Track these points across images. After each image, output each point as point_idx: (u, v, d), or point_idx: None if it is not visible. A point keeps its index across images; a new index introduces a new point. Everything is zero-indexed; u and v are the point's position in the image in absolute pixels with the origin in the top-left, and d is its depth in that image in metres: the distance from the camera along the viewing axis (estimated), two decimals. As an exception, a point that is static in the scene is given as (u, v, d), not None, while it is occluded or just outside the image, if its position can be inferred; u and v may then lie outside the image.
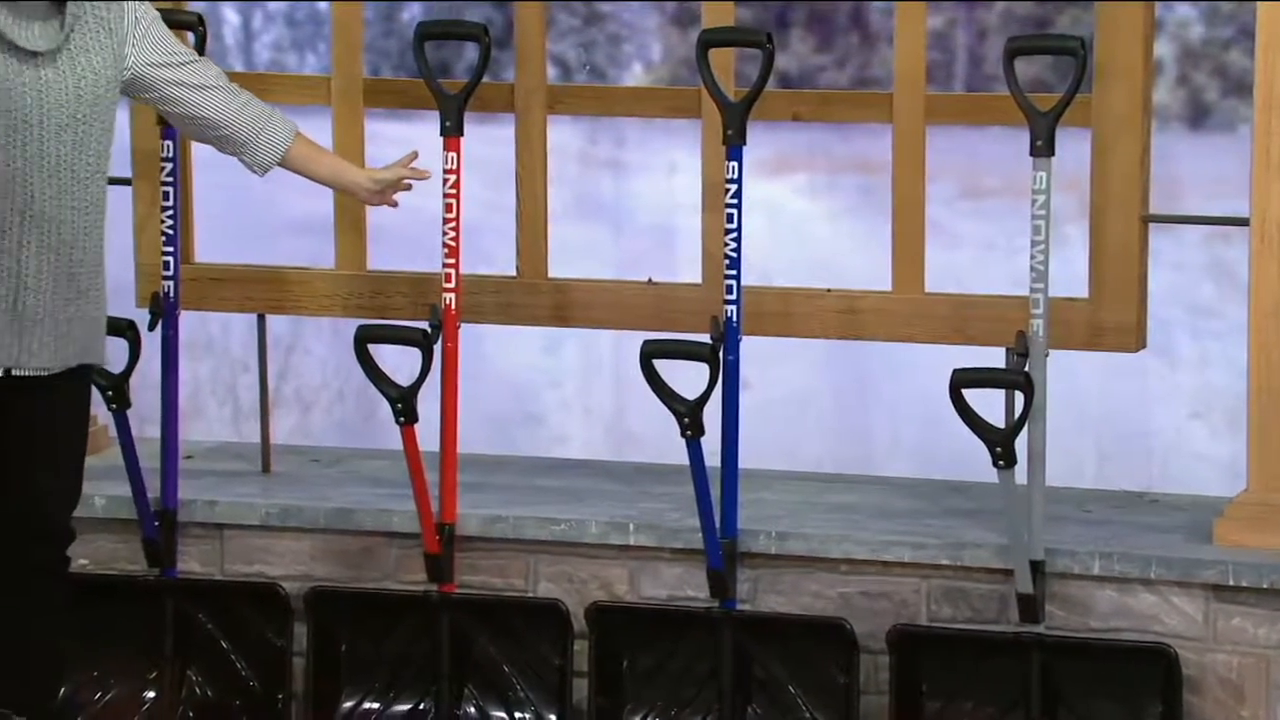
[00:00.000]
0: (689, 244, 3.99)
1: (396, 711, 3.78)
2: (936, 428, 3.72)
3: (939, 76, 4.47)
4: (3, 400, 3.39)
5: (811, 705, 3.63)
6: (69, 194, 3.36)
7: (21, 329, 3.35)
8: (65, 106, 3.33)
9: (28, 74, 3.30)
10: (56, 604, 3.54)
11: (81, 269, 3.40)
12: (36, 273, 3.34)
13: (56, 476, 3.47)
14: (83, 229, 3.39)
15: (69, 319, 3.39)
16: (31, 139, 3.31)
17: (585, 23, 4.94)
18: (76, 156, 3.36)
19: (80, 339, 3.43)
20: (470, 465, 3.90)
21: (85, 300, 3.42)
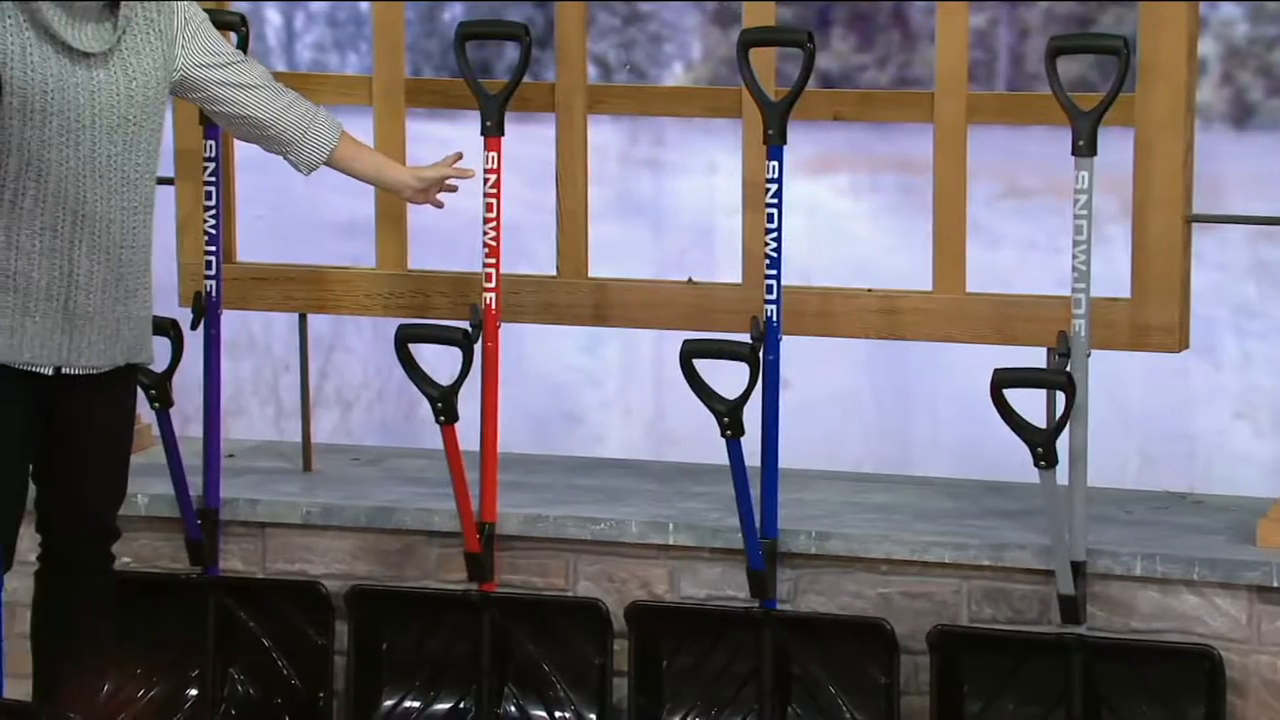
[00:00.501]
0: (729, 243, 3.99)
1: (437, 710, 3.79)
2: (977, 428, 3.71)
3: (981, 75, 4.45)
4: (52, 399, 3.42)
5: (852, 706, 3.62)
6: (119, 195, 3.38)
7: (73, 328, 3.38)
8: (116, 108, 3.36)
9: (80, 75, 3.33)
10: (102, 601, 3.56)
11: (130, 269, 3.43)
12: (88, 273, 3.37)
13: (103, 475, 3.49)
14: (131, 229, 3.41)
15: (118, 319, 3.42)
16: (84, 140, 3.33)
17: (626, 22, 4.94)
18: (127, 157, 3.38)
19: (128, 338, 3.45)
20: (510, 464, 3.92)
21: (134, 300, 3.44)
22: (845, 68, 4.80)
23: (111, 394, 3.46)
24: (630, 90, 4.29)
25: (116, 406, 3.49)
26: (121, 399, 3.50)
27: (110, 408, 3.47)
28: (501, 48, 3.89)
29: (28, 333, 3.35)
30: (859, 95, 4.02)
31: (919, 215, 3.91)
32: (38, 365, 3.38)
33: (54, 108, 3.30)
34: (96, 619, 3.55)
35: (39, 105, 3.29)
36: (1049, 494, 3.42)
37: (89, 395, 3.43)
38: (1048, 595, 3.57)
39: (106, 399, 3.46)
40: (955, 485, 4.01)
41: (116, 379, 3.47)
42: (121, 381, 3.48)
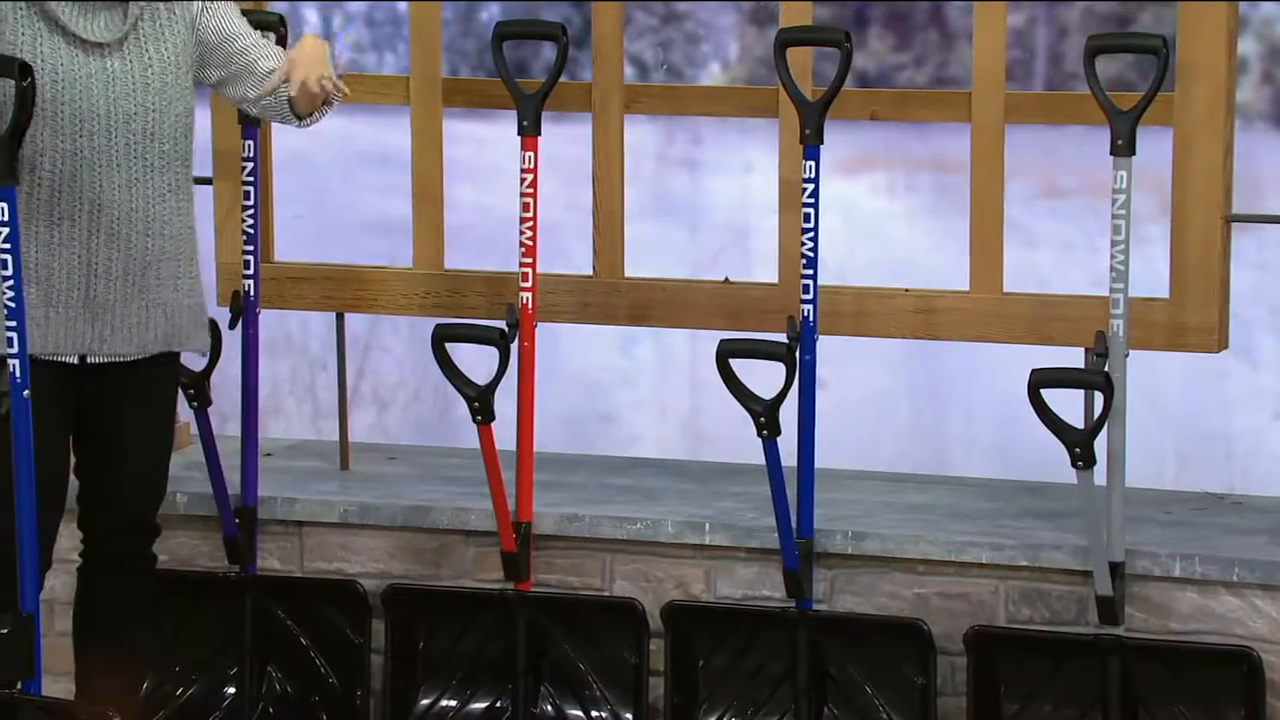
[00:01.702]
0: (765, 243, 3.99)
1: (473, 709, 3.79)
2: (1013, 428, 3.71)
3: (1019, 75, 4.43)
4: (85, 392, 3.42)
5: (888, 706, 3.61)
6: (140, 183, 3.37)
7: (94, 317, 3.38)
8: (133, 96, 3.35)
9: (93, 65, 3.33)
10: (143, 600, 3.58)
11: (162, 257, 3.41)
12: (107, 261, 3.37)
13: (141, 470, 3.50)
14: (159, 217, 3.40)
15: (146, 306, 3.41)
16: (99, 130, 3.33)
17: (663, 22, 4.94)
18: (148, 146, 3.38)
19: (161, 326, 3.44)
20: (546, 464, 3.92)
21: (167, 288, 3.43)
22: (882, 67, 4.79)
23: (145, 385, 3.45)
24: (667, 90, 4.29)
25: (151, 397, 3.47)
26: (156, 390, 3.48)
27: (144, 398, 3.46)
28: (538, 47, 3.90)
29: (52, 323, 3.36)
30: (896, 95, 4.01)
31: (956, 215, 3.91)
32: (63, 355, 3.39)
33: (65, 98, 3.31)
34: (138, 617, 3.57)
35: (50, 96, 3.30)
36: (1087, 494, 3.41)
37: (121, 386, 3.43)
38: (1085, 596, 3.56)
39: (140, 390, 3.45)
40: (992, 486, 4.00)
41: (150, 369, 3.46)
42: (155, 371, 3.47)
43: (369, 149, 4.96)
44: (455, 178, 4.07)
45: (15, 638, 3.28)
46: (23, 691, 3.30)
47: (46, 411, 3.35)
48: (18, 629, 3.28)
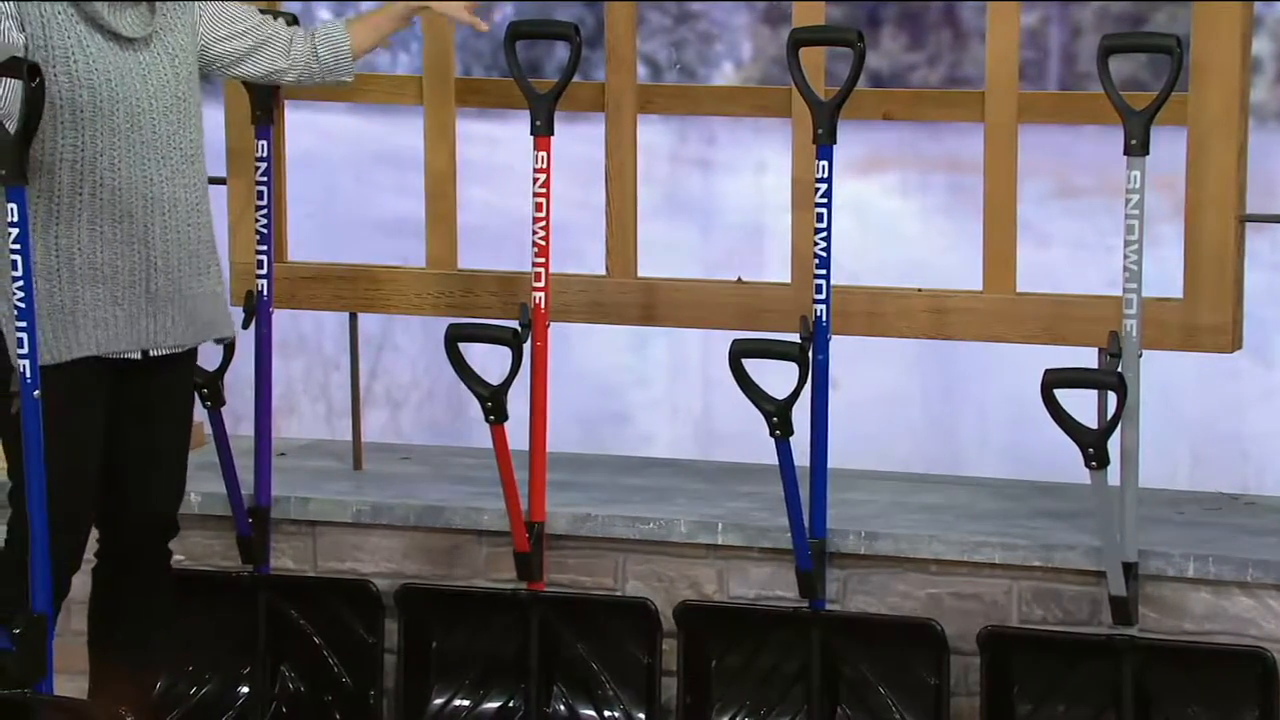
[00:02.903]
0: (778, 243, 4.00)
1: (486, 709, 3.80)
2: (1026, 428, 3.71)
3: (1032, 75, 4.44)
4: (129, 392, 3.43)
5: (901, 706, 3.61)
6: (181, 173, 3.43)
7: (156, 311, 3.42)
8: (168, 87, 3.41)
9: (131, 60, 3.38)
10: (162, 600, 3.59)
11: (201, 246, 3.48)
12: (164, 254, 3.41)
13: (171, 468, 3.53)
14: (197, 207, 3.46)
15: (195, 296, 3.46)
16: (145, 123, 3.38)
17: (676, 22, 4.95)
18: (184, 135, 3.44)
19: (207, 315, 3.49)
20: (559, 464, 3.92)
21: (207, 277, 3.49)
22: (896, 67, 4.80)
23: (183, 378, 3.52)
24: (680, 90, 4.31)
25: (185, 391, 3.54)
26: (188, 384, 3.56)
27: (181, 392, 3.53)
28: (551, 47, 3.89)
29: (119, 322, 3.39)
30: (909, 94, 4.01)
31: (969, 215, 3.91)
32: (128, 351, 3.41)
33: (119, 95, 3.35)
34: (159, 618, 3.58)
35: (105, 95, 3.34)
36: (1100, 494, 3.41)
37: (167, 381, 3.48)
38: (1099, 596, 3.56)
39: (179, 384, 3.51)
40: (1005, 486, 3.99)
41: (188, 361, 3.53)
42: (189, 364, 3.54)
43: (382, 149, 4.98)
44: (468, 178, 4.08)
45: (27, 638, 3.29)
46: (34, 691, 3.31)
47: (94, 412, 3.39)
48: (29, 629, 3.29)
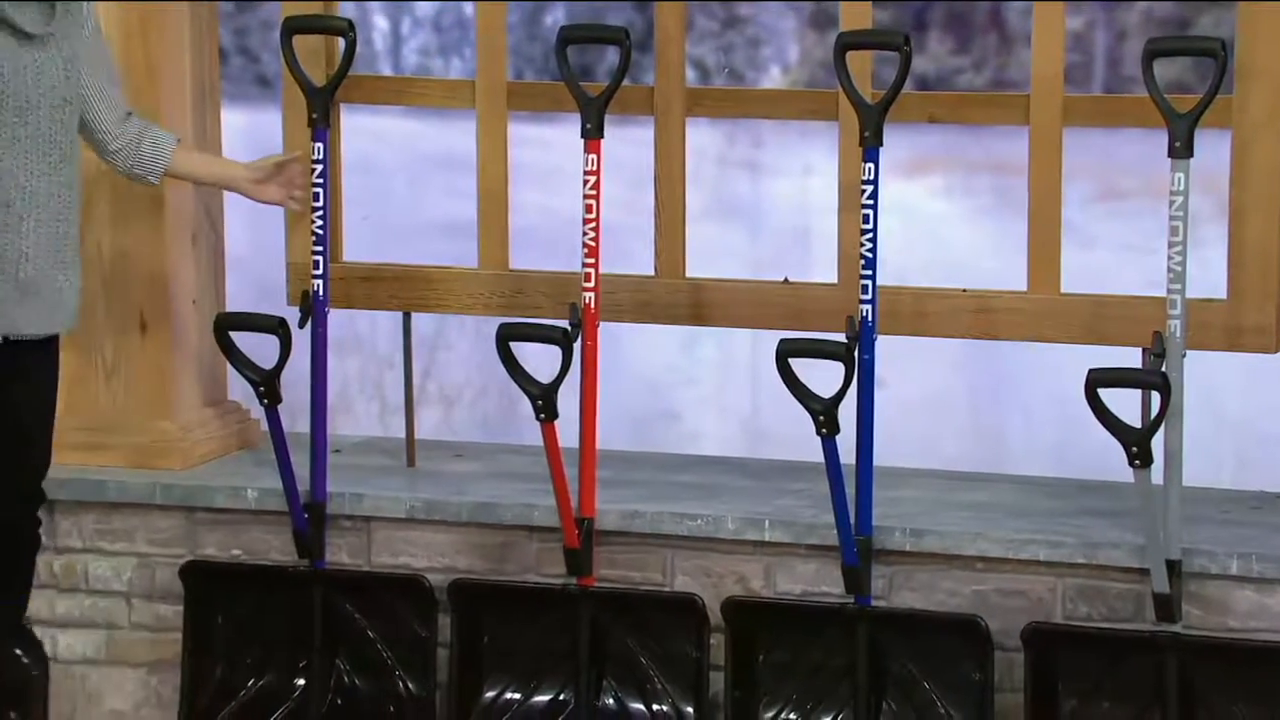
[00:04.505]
0: (824, 244, 4.01)
1: (537, 702, 3.84)
2: (1071, 427, 3.73)
3: (1077, 78, 4.46)
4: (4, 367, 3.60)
5: (946, 701, 3.64)
6: (58, 171, 3.59)
7: (23, 298, 3.58)
8: (57, 88, 3.57)
9: (26, 57, 3.52)
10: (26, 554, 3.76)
11: (66, 242, 3.63)
12: (34, 245, 3.57)
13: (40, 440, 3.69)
14: (67, 204, 3.63)
15: (59, 289, 3.63)
16: (31, 119, 3.54)
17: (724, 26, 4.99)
18: (63, 136, 3.60)
19: (66, 307, 3.66)
20: (609, 461, 3.95)
21: (71, 270, 3.65)
22: (942, 70, 4.82)
23: (45, 363, 3.68)
24: (728, 93, 4.30)
25: (47, 375, 3.70)
26: (52, 368, 3.71)
27: (43, 377, 3.68)
28: (602, 51, 3.92)
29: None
30: (955, 97, 4.02)
31: (1013, 217, 3.92)
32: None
33: (10, 89, 3.50)
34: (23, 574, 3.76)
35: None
36: (1144, 493, 3.43)
37: (30, 365, 3.63)
38: (1143, 594, 3.57)
39: (42, 367, 3.67)
40: (1050, 484, 4.01)
41: (48, 348, 3.68)
42: (52, 350, 3.70)
43: (436, 152, 5.02)
44: (520, 180, 4.11)
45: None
46: None
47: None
48: None
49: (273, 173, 3.89)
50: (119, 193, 4.03)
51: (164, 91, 4.00)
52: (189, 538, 4.02)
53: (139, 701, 4.06)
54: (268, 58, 6.14)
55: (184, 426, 4.12)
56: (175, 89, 4.05)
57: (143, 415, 4.09)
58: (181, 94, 4.06)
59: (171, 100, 4.02)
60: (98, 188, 4.03)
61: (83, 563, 4.04)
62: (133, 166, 3.79)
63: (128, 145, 3.76)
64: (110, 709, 4.07)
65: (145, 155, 3.77)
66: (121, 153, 3.76)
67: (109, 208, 4.05)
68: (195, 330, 4.14)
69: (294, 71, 3.91)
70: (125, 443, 4.08)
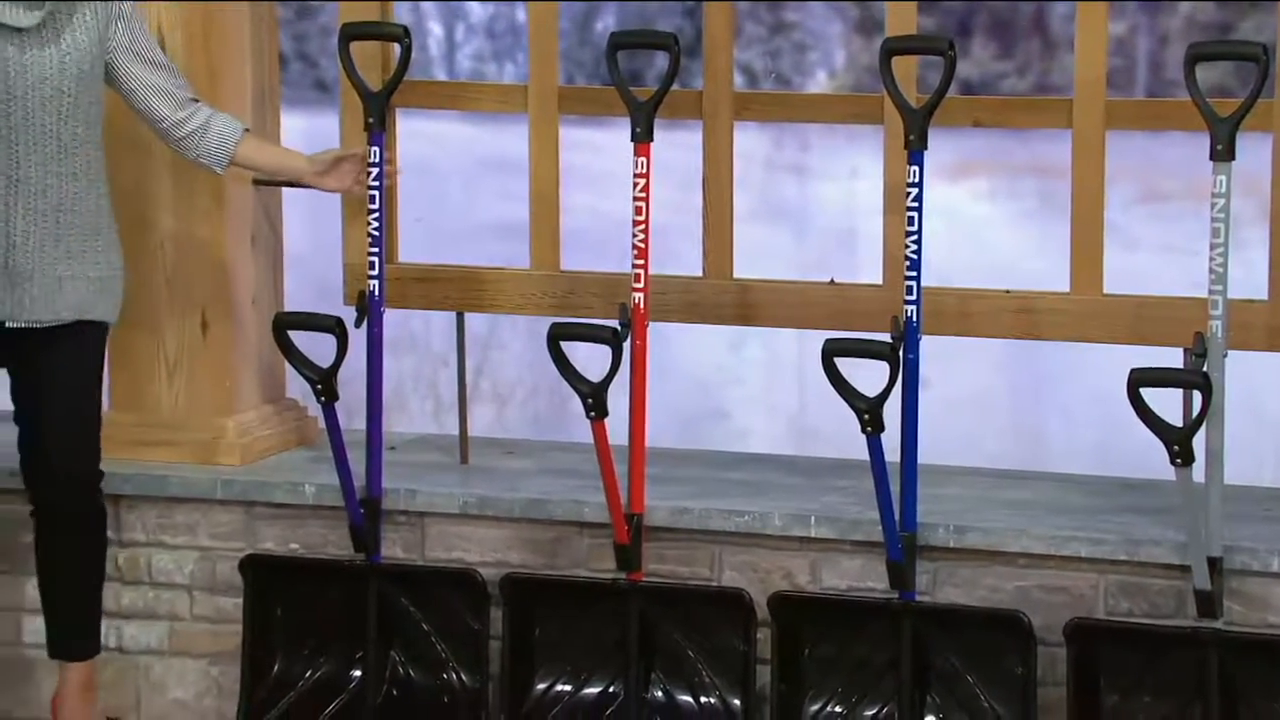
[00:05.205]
0: (870, 246, 4.02)
1: (587, 694, 3.87)
2: (1113, 426, 3.75)
3: (1120, 82, 4.48)
4: (10, 350, 3.66)
5: (990, 696, 3.66)
6: (55, 162, 3.61)
7: (13, 284, 3.61)
8: (50, 80, 3.58)
9: (11, 50, 3.56)
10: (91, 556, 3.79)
11: (72, 231, 3.65)
12: (24, 233, 3.60)
13: (65, 431, 3.71)
14: (72, 195, 3.64)
15: (59, 277, 3.64)
16: (16, 109, 3.56)
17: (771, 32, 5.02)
18: (63, 127, 3.61)
19: (71, 296, 3.67)
20: (658, 458, 3.97)
21: (79, 261, 3.66)
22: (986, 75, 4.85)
23: (64, 349, 3.68)
24: (775, 97, 4.29)
25: (70, 361, 3.70)
26: (75, 354, 3.71)
27: (63, 362, 3.69)
28: (651, 56, 3.92)
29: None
30: (999, 101, 4.04)
31: (1056, 219, 3.95)
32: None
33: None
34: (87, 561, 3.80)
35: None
36: (1185, 490, 3.44)
37: (41, 351, 3.66)
38: (1184, 590, 3.59)
39: (59, 353, 3.68)
40: (1092, 482, 4.02)
41: (67, 335, 3.69)
42: (72, 338, 3.70)
43: (490, 155, 5.07)
44: (571, 182, 4.13)
45: None
46: None
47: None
48: None
49: (333, 165, 3.92)
50: (180, 194, 4.09)
51: (225, 95, 4.07)
52: (248, 532, 4.08)
53: (200, 691, 4.12)
54: (326, 63, 6.20)
55: (244, 424, 4.19)
56: (236, 93, 4.12)
57: (204, 412, 4.16)
58: (242, 97, 4.13)
59: (232, 104, 4.07)
60: (158, 188, 4.09)
61: (146, 556, 4.11)
62: (199, 155, 3.82)
63: (194, 132, 3.78)
64: (173, 698, 4.13)
65: (212, 143, 3.80)
66: (187, 139, 3.79)
67: (170, 208, 4.11)
68: (254, 329, 4.20)
69: (351, 77, 3.97)
70: (187, 439, 4.14)
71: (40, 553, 3.83)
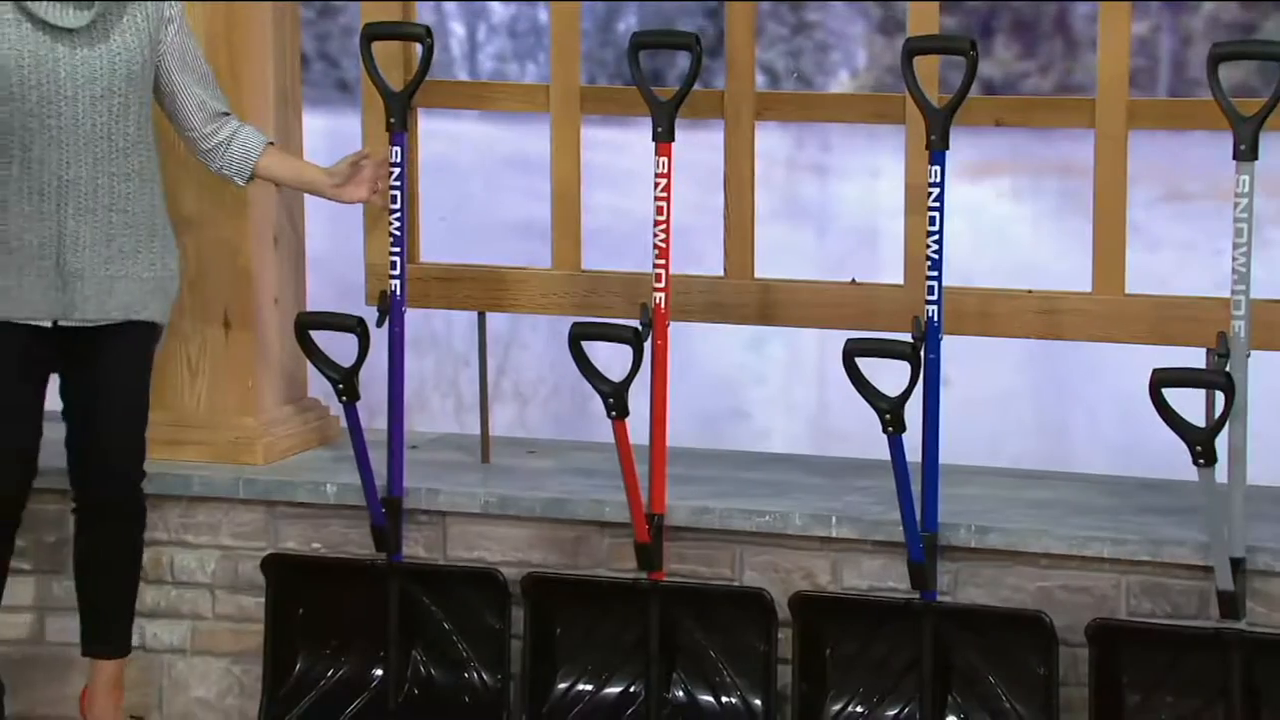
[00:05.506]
0: (891, 246, 4.03)
1: (608, 693, 3.87)
2: (1135, 426, 3.74)
3: (1143, 82, 4.47)
4: (61, 349, 3.68)
5: (1011, 696, 3.66)
6: (107, 161, 3.63)
7: (65, 283, 3.64)
8: (100, 80, 3.60)
9: (61, 50, 3.58)
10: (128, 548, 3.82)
11: (124, 231, 3.67)
12: (74, 233, 3.63)
13: (115, 424, 3.73)
14: (124, 195, 3.66)
15: (111, 277, 3.67)
16: (65, 110, 3.58)
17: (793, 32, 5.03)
18: (114, 127, 3.63)
19: (123, 295, 3.69)
20: (679, 458, 3.97)
21: (130, 261, 3.69)
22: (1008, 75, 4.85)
23: (115, 350, 3.71)
24: (797, 97, 4.29)
25: (121, 361, 3.72)
26: (125, 354, 3.73)
27: (114, 362, 3.71)
28: (673, 56, 3.93)
29: (24, 290, 3.62)
30: (1021, 101, 4.05)
31: (1079, 219, 3.95)
32: (37, 319, 3.64)
33: (32, 80, 3.56)
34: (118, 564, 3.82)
35: (17, 79, 3.56)
36: (1208, 491, 3.44)
37: (94, 351, 3.68)
38: (1207, 591, 3.59)
39: (110, 354, 3.70)
40: (1114, 482, 4.02)
41: (120, 335, 3.71)
42: (124, 338, 3.72)
43: (511, 154, 5.09)
44: (593, 182, 4.15)
45: None
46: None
47: (15, 371, 3.63)
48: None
49: (350, 173, 3.93)
50: (204, 195, 4.11)
51: (247, 94, 4.08)
52: (270, 531, 4.10)
53: (223, 690, 4.13)
54: (348, 63, 6.23)
55: (266, 423, 4.20)
56: (258, 92, 4.13)
57: (226, 412, 4.17)
58: (264, 97, 4.15)
59: (254, 103, 4.09)
60: (183, 190, 4.11)
61: (169, 555, 4.12)
62: (222, 167, 3.85)
63: (219, 145, 3.81)
64: (195, 697, 4.15)
65: (235, 157, 3.83)
66: (212, 151, 3.83)
67: (194, 209, 4.12)
68: (276, 329, 4.22)
69: (373, 77, 3.98)
70: (209, 439, 4.16)
71: (81, 550, 3.86)
